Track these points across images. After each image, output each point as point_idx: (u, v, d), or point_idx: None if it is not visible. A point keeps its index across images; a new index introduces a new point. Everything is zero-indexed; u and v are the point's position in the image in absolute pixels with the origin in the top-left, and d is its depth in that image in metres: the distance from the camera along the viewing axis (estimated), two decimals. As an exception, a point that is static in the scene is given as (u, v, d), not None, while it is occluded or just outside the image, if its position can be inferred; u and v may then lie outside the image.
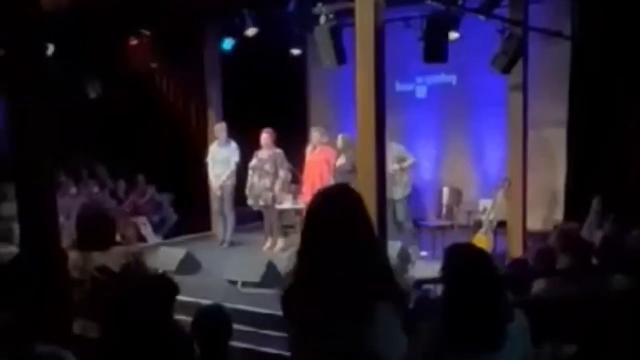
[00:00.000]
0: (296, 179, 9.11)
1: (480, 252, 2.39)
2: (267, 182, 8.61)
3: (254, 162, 8.73)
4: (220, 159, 9.02)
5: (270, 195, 8.62)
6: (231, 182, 9.00)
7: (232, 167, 8.93)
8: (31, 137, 3.53)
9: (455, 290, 2.22)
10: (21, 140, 3.53)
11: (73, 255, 3.36)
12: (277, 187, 8.62)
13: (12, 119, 3.55)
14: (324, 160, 8.60)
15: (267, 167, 8.61)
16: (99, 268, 3.18)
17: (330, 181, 8.24)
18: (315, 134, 8.83)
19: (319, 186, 8.09)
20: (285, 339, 2.21)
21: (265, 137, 8.71)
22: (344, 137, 8.36)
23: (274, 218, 8.81)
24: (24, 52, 3.58)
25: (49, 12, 3.84)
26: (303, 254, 2.06)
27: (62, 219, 7.47)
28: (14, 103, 3.55)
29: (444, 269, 2.29)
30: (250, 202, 8.80)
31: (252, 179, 8.72)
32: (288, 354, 2.21)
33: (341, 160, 8.32)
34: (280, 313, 2.16)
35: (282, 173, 8.68)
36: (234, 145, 9.02)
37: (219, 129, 9.13)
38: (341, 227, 2.02)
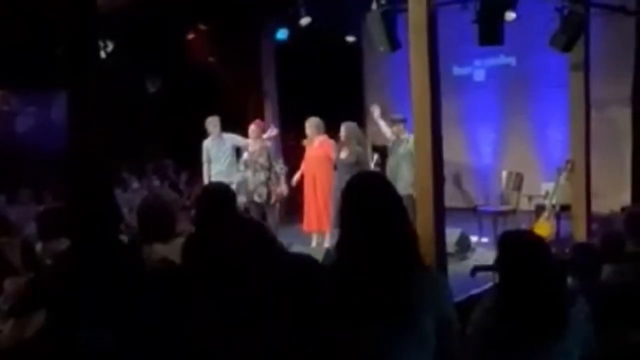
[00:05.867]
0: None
1: (534, 239, 2.34)
2: (261, 175, 7.97)
3: (245, 156, 8.13)
4: (219, 154, 8.44)
5: (265, 190, 7.98)
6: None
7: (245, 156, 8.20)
8: (91, 133, 3.61)
9: (511, 280, 2.18)
10: (81, 137, 3.63)
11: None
12: (271, 182, 8.01)
13: (72, 117, 3.64)
14: (325, 155, 7.94)
15: (261, 160, 7.98)
16: (161, 259, 3.24)
17: (332, 177, 7.84)
18: (307, 125, 8.07)
19: (319, 183, 7.93)
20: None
21: (254, 128, 8.13)
22: (347, 127, 7.74)
23: (272, 217, 8.11)
24: (84, 50, 3.67)
25: (105, 10, 3.91)
26: (344, 245, 2.05)
27: (125, 212, 7.78)
28: (74, 100, 3.64)
29: (498, 257, 2.25)
30: (241, 198, 7.76)
31: (245, 173, 8.09)
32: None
33: (344, 153, 7.66)
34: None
35: (278, 167, 8.11)
36: (227, 135, 8.44)
37: (211, 122, 8.47)
38: (381, 218, 2.00)
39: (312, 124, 7.99)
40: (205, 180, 8.41)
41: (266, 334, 2.18)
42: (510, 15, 7.04)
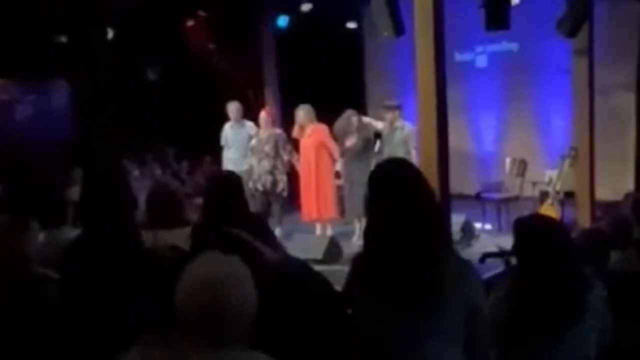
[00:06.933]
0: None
1: (552, 222, 2.31)
2: (266, 164, 7.88)
3: (253, 143, 8.05)
4: (235, 141, 8.33)
5: (270, 178, 7.89)
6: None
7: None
8: (94, 120, 3.59)
9: (530, 265, 2.15)
10: (85, 124, 3.60)
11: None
12: (278, 171, 7.93)
13: (75, 103, 3.62)
14: (319, 142, 7.77)
15: (267, 148, 7.88)
16: (171, 246, 3.22)
17: (331, 164, 7.81)
18: (299, 113, 7.86)
19: (318, 170, 7.76)
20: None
21: (264, 115, 8.04)
22: (357, 117, 7.75)
23: (278, 206, 8.06)
24: (86, 38, 3.64)
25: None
26: (375, 233, 2.02)
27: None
28: (77, 87, 3.62)
29: (516, 243, 2.22)
30: (250, 185, 7.72)
31: (251, 160, 8.03)
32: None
33: (352, 140, 7.62)
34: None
35: (285, 155, 7.97)
36: (248, 124, 8.32)
37: (231, 108, 8.32)
38: (414, 205, 1.97)
39: (306, 112, 7.84)
40: (223, 165, 8.40)
41: (265, 330, 2.17)
42: (514, 0, 7.00)
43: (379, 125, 7.86)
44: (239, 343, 1.70)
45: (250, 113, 10.59)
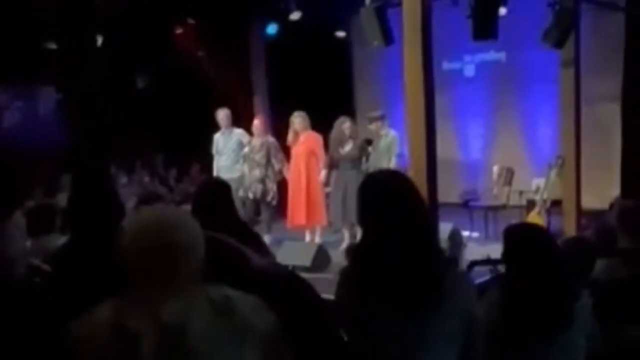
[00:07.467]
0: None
1: (541, 232, 2.34)
2: (257, 173, 7.92)
3: (245, 151, 8.09)
4: (225, 148, 8.30)
5: (260, 187, 7.93)
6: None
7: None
8: (83, 127, 3.59)
9: (518, 273, 2.18)
10: (74, 131, 3.60)
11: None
12: (269, 179, 7.96)
13: (64, 111, 3.62)
14: (310, 150, 7.84)
15: (258, 157, 7.92)
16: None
17: (319, 172, 7.81)
18: (296, 120, 7.87)
19: (308, 178, 7.80)
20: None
21: (257, 123, 8.09)
22: (352, 123, 7.82)
23: (268, 214, 8.09)
24: (76, 45, 3.64)
25: (100, 4, 3.88)
26: (371, 244, 2.04)
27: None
28: (66, 95, 3.62)
29: (505, 251, 2.25)
30: (240, 193, 7.88)
31: (243, 168, 8.09)
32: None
33: (347, 147, 7.66)
34: (330, 297, 2.15)
35: (276, 164, 7.99)
36: (237, 131, 8.30)
37: (221, 115, 8.28)
38: (411, 217, 2.00)
39: (302, 119, 7.89)
40: (214, 173, 8.38)
41: None
42: (502, 11, 7.06)
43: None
44: (198, 282, 1.68)
45: (239, 120, 10.61)
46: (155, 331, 1.59)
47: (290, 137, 7.97)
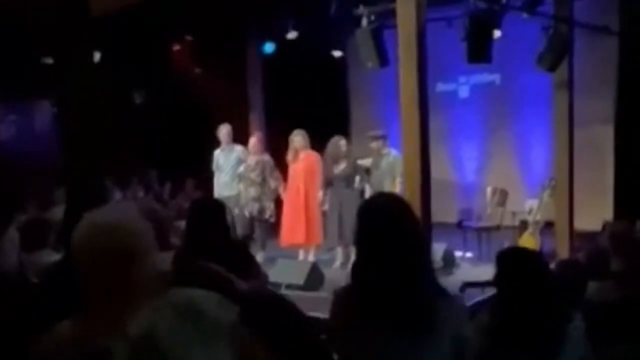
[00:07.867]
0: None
1: (534, 256, 2.35)
2: (252, 191, 7.92)
3: (241, 169, 8.07)
4: (226, 165, 8.26)
5: (256, 205, 7.92)
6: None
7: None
8: (79, 142, 3.59)
9: (510, 297, 2.19)
10: (70, 146, 3.61)
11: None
12: (266, 197, 7.96)
13: (60, 126, 3.62)
14: (309, 169, 7.82)
15: (254, 175, 7.93)
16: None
17: (317, 191, 7.80)
18: (297, 138, 7.85)
19: (307, 196, 7.78)
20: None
21: (253, 141, 8.09)
22: (346, 142, 7.87)
23: (262, 231, 8.07)
24: (72, 60, 3.65)
25: (97, 18, 3.90)
26: (367, 266, 2.06)
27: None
28: (62, 110, 3.62)
29: (498, 274, 2.27)
30: (237, 211, 7.93)
31: (239, 186, 8.08)
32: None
33: (342, 165, 7.67)
34: (324, 316, 2.17)
35: (272, 182, 7.99)
36: (238, 148, 8.28)
37: (223, 131, 8.28)
38: (408, 242, 2.03)
39: (302, 136, 7.89)
40: (214, 189, 8.37)
41: None
42: (496, 34, 7.13)
43: (366, 163, 7.97)
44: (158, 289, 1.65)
45: (236, 138, 10.63)
46: (124, 345, 1.56)
47: (289, 155, 7.95)
